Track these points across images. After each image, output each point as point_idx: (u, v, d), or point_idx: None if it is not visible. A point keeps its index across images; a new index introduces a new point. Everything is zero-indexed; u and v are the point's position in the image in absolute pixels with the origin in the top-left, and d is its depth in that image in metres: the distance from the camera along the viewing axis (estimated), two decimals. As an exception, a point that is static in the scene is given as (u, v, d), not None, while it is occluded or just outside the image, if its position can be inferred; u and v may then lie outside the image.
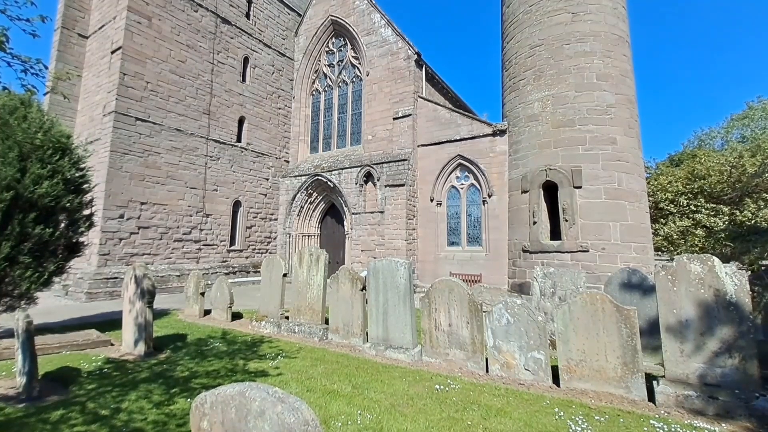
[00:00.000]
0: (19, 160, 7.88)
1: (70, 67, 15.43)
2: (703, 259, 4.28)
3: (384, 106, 15.85)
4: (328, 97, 18.57)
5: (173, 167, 13.88)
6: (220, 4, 16.19)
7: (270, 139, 17.91)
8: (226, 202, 15.76)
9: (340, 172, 16.09)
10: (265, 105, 17.78)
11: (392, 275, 6.26)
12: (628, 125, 11.21)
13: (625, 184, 10.65)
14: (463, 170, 14.04)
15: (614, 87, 11.20)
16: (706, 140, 25.22)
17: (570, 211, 10.49)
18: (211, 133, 15.35)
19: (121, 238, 12.26)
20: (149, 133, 13.27)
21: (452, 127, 14.23)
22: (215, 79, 15.68)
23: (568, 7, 11.76)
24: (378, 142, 15.78)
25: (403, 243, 13.77)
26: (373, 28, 16.77)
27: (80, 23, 16.02)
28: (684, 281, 4.32)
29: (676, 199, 15.11)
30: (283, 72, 18.81)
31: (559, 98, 11.37)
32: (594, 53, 11.33)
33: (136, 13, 13.33)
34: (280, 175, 18.15)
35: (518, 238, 11.77)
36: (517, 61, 12.71)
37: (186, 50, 14.69)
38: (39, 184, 7.92)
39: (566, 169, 10.79)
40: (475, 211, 13.67)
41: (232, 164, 16.07)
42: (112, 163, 12.19)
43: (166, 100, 13.86)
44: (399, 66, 15.76)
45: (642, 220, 10.77)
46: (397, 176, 14.33)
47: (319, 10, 18.76)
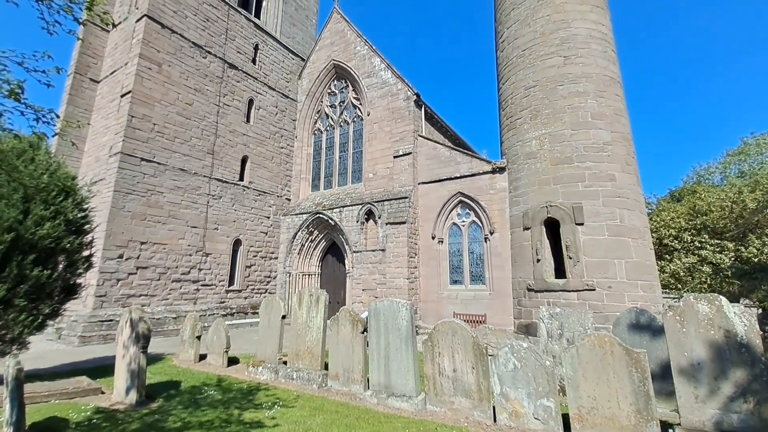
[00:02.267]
0: (23, 202, 7.93)
1: (80, 110, 15.96)
2: (710, 298, 4.17)
3: (384, 144, 16.18)
4: (330, 136, 19.02)
5: (175, 206, 13.97)
6: (228, 51, 16.98)
7: (272, 178, 18.16)
8: (227, 240, 15.72)
9: (341, 210, 16.16)
10: (268, 144, 18.18)
11: (394, 317, 6.08)
12: (626, 162, 11.34)
13: (627, 220, 10.61)
14: (464, 207, 14.08)
15: (609, 125, 11.44)
16: (704, 175, 25.57)
17: (573, 248, 10.38)
18: (214, 172, 15.59)
19: (119, 278, 12.11)
20: (153, 173, 13.48)
21: (452, 165, 14.44)
22: (220, 120, 16.15)
23: (560, 51, 12.27)
24: (379, 180, 15.96)
25: (405, 282, 13.56)
26: (374, 71, 17.45)
27: (93, 69, 16.74)
28: (693, 322, 4.19)
29: (679, 235, 15.06)
30: (286, 113, 19.39)
31: (555, 136, 11.59)
32: (587, 93, 11.67)
33: (147, 59, 13.95)
34: (282, 213, 18.23)
35: (522, 276, 11.58)
36: (513, 101, 13.10)
37: (193, 93, 15.23)
38: (41, 225, 7.92)
39: (567, 205, 10.80)
40: (477, 249, 13.57)
41: (233, 203, 16.19)
42: (115, 203, 12.28)
43: (171, 140, 14.20)
44: (399, 106, 16.25)
45: (647, 257, 10.63)
46: (398, 214, 14.36)
47: (321, 55, 19.63)
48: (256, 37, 18.58)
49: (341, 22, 19.24)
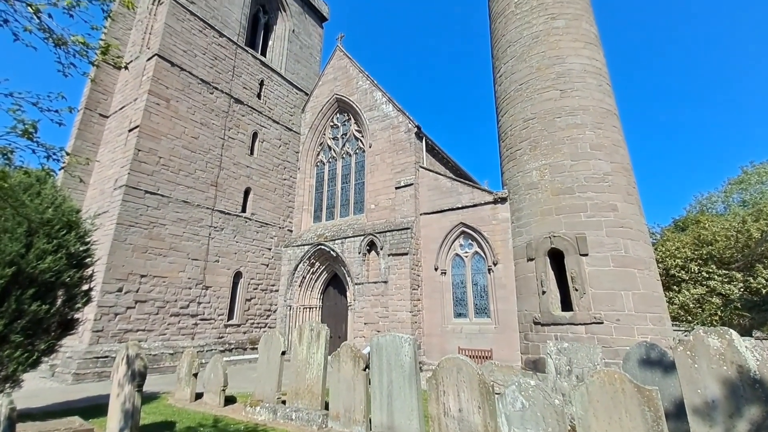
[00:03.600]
0: (26, 235, 7.95)
1: (87, 144, 16.31)
2: (721, 332, 4.05)
3: (386, 176, 16.35)
4: (332, 167, 19.27)
5: (177, 239, 13.97)
6: (234, 86, 17.54)
7: (274, 209, 18.25)
8: (227, 273, 15.58)
9: (342, 241, 16.12)
10: (271, 176, 18.40)
11: (396, 353, 5.90)
12: (627, 192, 11.37)
13: (632, 251, 10.50)
14: (467, 238, 14.02)
15: (608, 156, 11.56)
16: (707, 204, 25.64)
17: (579, 280, 10.22)
18: (217, 204, 15.70)
19: (116, 313, 11.93)
20: (156, 205, 13.58)
21: (453, 196, 14.51)
22: (225, 153, 16.44)
23: (556, 85, 12.60)
24: (381, 211, 16.00)
25: (408, 315, 13.29)
26: (375, 105, 17.91)
27: (102, 104, 17.23)
28: (704, 357, 4.04)
29: (686, 265, 14.87)
30: (289, 145, 19.76)
31: (556, 167, 11.69)
32: (585, 125, 11.87)
33: (156, 95, 14.40)
34: (283, 245, 18.18)
35: (528, 308, 11.34)
36: (512, 133, 13.32)
37: (199, 127, 15.60)
38: (42, 259, 7.90)
39: (570, 236, 10.74)
40: (481, 280, 13.38)
41: (235, 234, 16.19)
42: (117, 236, 12.30)
43: (176, 173, 14.40)
44: (400, 138, 16.54)
45: (654, 289, 10.44)
46: (401, 245, 14.29)
47: (325, 90, 20.24)
48: (262, 74, 19.24)
49: (344, 58, 19.97)
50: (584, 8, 13.97)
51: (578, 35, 13.24)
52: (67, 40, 5.43)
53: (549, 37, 13.25)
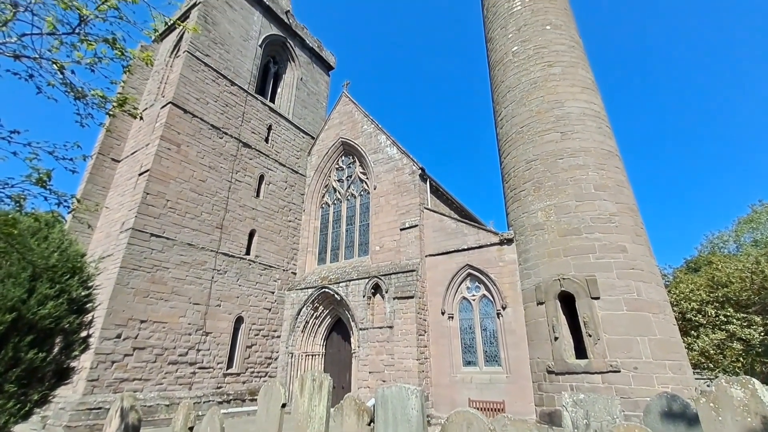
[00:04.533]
0: (29, 280, 7.90)
1: (98, 187, 16.63)
2: (743, 382, 3.81)
3: (391, 217, 16.35)
4: (337, 209, 19.38)
5: (179, 282, 13.80)
6: (243, 131, 18.10)
7: (278, 251, 18.16)
8: (228, 318, 15.20)
9: (347, 284, 15.84)
10: (276, 218, 18.48)
11: (403, 405, 5.55)
12: (635, 233, 11.21)
13: (645, 293, 10.18)
14: (473, 280, 13.71)
15: (613, 196, 11.52)
16: (718, 244, 25.31)
17: (592, 325, 9.83)
18: (221, 247, 15.65)
19: (113, 360, 11.55)
20: (161, 248, 13.56)
21: (459, 237, 14.37)
22: (231, 195, 16.64)
23: (556, 127, 12.84)
24: (385, 253, 15.85)
25: (415, 363, 12.70)
26: (380, 147, 18.29)
27: (115, 149, 17.75)
28: (728, 409, 3.76)
29: (702, 308, 14.33)
30: (295, 187, 20.03)
31: (561, 208, 11.64)
32: (588, 166, 11.95)
33: (168, 141, 14.84)
34: (287, 288, 17.88)
35: (540, 356, 10.83)
36: (516, 174, 13.43)
37: (208, 171, 15.92)
38: (44, 304, 7.79)
39: (580, 278, 10.47)
40: (490, 325, 12.91)
41: (238, 278, 15.99)
42: (120, 280, 12.18)
43: (182, 216, 14.51)
44: (404, 180, 16.71)
45: (671, 334, 9.99)
46: (406, 288, 13.98)
47: (330, 134, 20.81)
48: (270, 119, 19.92)
49: (349, 104, 20.70)
50: (579, 57, 14.55)
51: (575, 81, 13.68)
52: (87, 93, 5.67)
53: (547, 82, 13.70)
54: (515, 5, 15.91)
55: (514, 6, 15.95)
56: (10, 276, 7.66)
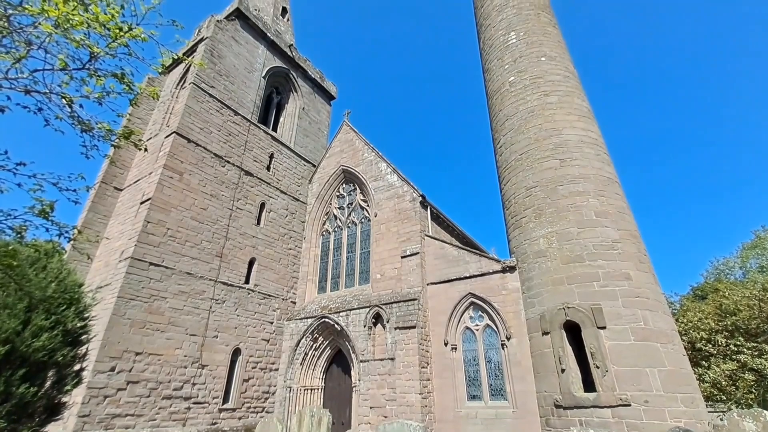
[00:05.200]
0: (26, 311, 7.76)
1: (99, 216, 16.63)
2: (755, 414, 3.73)
3: (392, 245, 16.27)
4: (338, 237, 19.31)
5: (177, 312, 13.54)
6: (245, 160, 18.30)
7: (278, 280, 17.94)
8: (225, 350, 14.79)
9: (348, 313, 15.54)
10: (277, 246, 18.38)
11: (406, 447, 5.31)
12: (639, 260, 11.10)
13: (652, 322, 9.96)
14: (476, 309, 13.46)
15: (615, 223, 11.48)
16: (724, 270, 25.16)
17: (599, 356, 9.55)
18: (221, 276, 15.47)
19: (106, 395, 11.15)
20: (159, 277, 13.39)
21: (461, 265, 14.23)
22: (232, 223, 16.61)
23: (555, 155, 12.96)
24: (387, 281, 15.65)
25: (417, 397, 12.25)
26: (380, 175, 18.44)
27: (118, 178, 17.87)
28: None
29: (712, 337, 14.00)
30: (296, 215, 20.04)
31: (562, 234, 11.58)
32: (588, 193, 11.97)
33: (171, 169, 14.96)
34: (286, 318, 17.53)
35: (547, 389, 10.47)
36: (516, 200, 13.45)
37: (209, 199, 15.97)
38: (38, 336, 7.62)
39: (585, 307, 10.27)
40: (495, 356, 12.55)
41: (237, 307, 15.69)
42: (116, 310, 11.96)
43: (182, 244, 14.42)
44: (405, 207, 16.74)
45: (681, 365, 9.70)
46: (408, 317, 13.70)
47: (331, 162, 21.04)
48: (272, 147, 20.19)
49: (350, 132, 21.05)
50: (575, 86, 14.90)
51: (571, 109, 13.94)
52: (94, 126, 5.76)
53: (544, 111, 13.95)
54: (510, 38, 16.46)
55: (509, 39, 16.49)
56: (6, 307, 7.54)
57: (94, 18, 4.85)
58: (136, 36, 5.29)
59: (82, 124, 5.64)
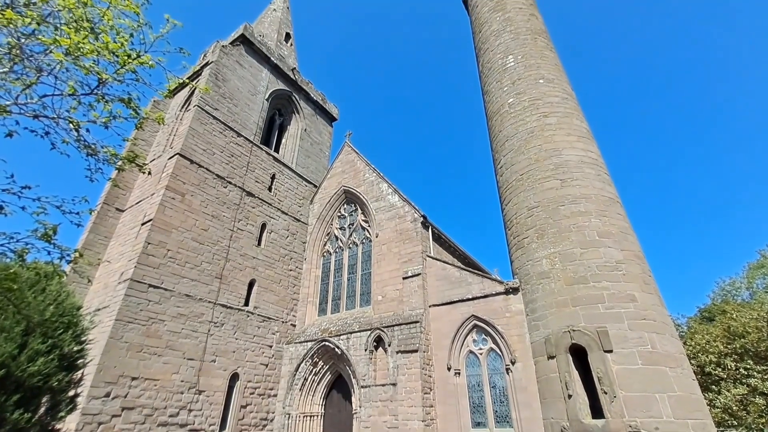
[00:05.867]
0: (23, 335, 7.66)
1: (100, 237, 16.59)
2: None
3: (393, 266, 16.15)
4: (339, 258, 19.20)
5: (174, 336, 13.29)
6: (247, 180, 18.39)
7: (278, 302, 17.71)
8: (223, 375, 14.43)
9: (348, 336, 15.26)
10: (277, 267, 18.23)
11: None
12: (643, 281, 10.97)
13: (660, 346, 9.75)
14: (480, 332, 13.21)
15: (618, 243, 11.40)
16: (731, 291, 24.91)
17: (607, 381, 9.31)
18: (220, 297, 15.28)
19: (100, 422, 10.82)
20: (158, 299, 13.23)
21: (463, 286, 14.07)
22: (233, 244, 16.55)
23: (555, 175, 12.99)
24: (388, 303, 15.45)
25: (420, 425, 11.86)
26: (382, 195, 18.49)
27: (120, 199, 17.91)
28: None
29: (721, 361, 13.71)
30: (297, 236, 19.98)
31: (565, 255, 11.49)
32: (590, 213, 11.93)
33: (173, 190, 15.01)
34: (285, 342, 17.21)
35: (554, 416, 10.16)
36: (518, 221, 13.41)
37: (210, 220, 15.96)
38: (34, 361, 7.51)
39: (591, 330, 10.09)
40: (499, 382, 12.23)
41: (235, 330, 15.41)
42: (114, 333, 11.75)
43: (182, 266, 14.32)
44: (406, 228, 16.70)
45: (692, 390, 9.44)
46: (410, 341, 13.43)
47: (333, 182, 21.15)
48: (274, 168, 20.34)
49: (351, 153, 21.24)
50: (573, 107, 15.11)
51: (570, 130, 14.07)
52: (99, 150, 5.82)
53: (543, 132, 14.09)
54: (509, 61, 16.81)
55: (507, 62, 16.84)
56: (3, 330, 7.46)
57: (103, 46, 4.96)
58: (144, 63, 5.41)
59: (87, 148, 5.70)
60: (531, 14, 18.28)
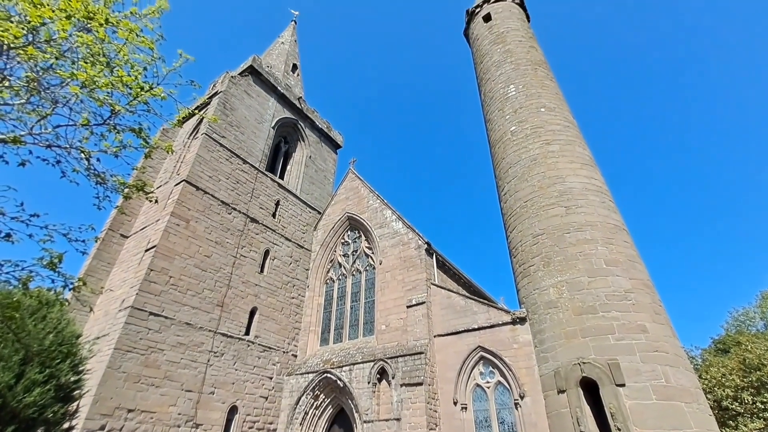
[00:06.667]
0: (20, 364, 7.53)
1: (103, 263, 16.56)
2: None
3: (397, 294, 15.91)
4: (342, 285, 18.98)
5: (173, 366, 12.97)
6: (251, 207, 18.49)
7: (279, 331, 17.36)
8: (221, 408, 13.95)
9: (351, 368, 14.83)
10: (279, 295, 18.01)
11: None
12: (654, 311, 10.72)
13: (674, 380, 9.40)
14: (487, 364, 12.80)
15: (626, 272, 11.22)
16: (745, 321, 24.28)
17: (620, 417, 8.93)
18: (221, 326, 15.00)
19: (93, 457, 10.44)
20: (158, 328, 13.01)
21: (468, 315, 13.78)
22: (235, 271, 16.43)
23: (560, 202, 12.96)
24: (392, 333, 15.11)
25: (426, 464, 11.34)
26: (385, 222, 18.47)
27: (125, 225, 17.98)
28: None
29: (738, 395, 13.18)
30: (300, 262, 19.85)
31: (573, 284, 11.29)
32: (596, 240, 11.81)
33: (178, 217, 15.08)
34: (286, 373, 16.73)
35: (567, 455, 9.71)
36: (523, 248, 13.28)
37: (213, 246, 15.93)
38: (30, 391, 7.37)
39: (602, 362, 9.77)
40: (508, 417, 11.74)
41: (235, 361, 15.03)
42: (112, 363, 11.49)
43: (183, 293, 14.17)
44: (410, 255, 16.58)
45: (709, 426, 9.03)
46: (414, 373, 13.02)
47: (337, 209, 21.21)
48: (279, 195, 20.48)
49: (356, 180, 21.40)
50: (575, 135, 15.28)
51: (573, 157, 14.15)
52: (108, 179, 5.89)
53: (546, 159, 14.17)
54: (510, 91, 17.17)
55: (509, 91, 17.20)
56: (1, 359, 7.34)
57: (118, 79, 5.10)
58: (156, 94, 5.55)
59: (97, 176, 5.76)
60: (531, 46, 18.84)
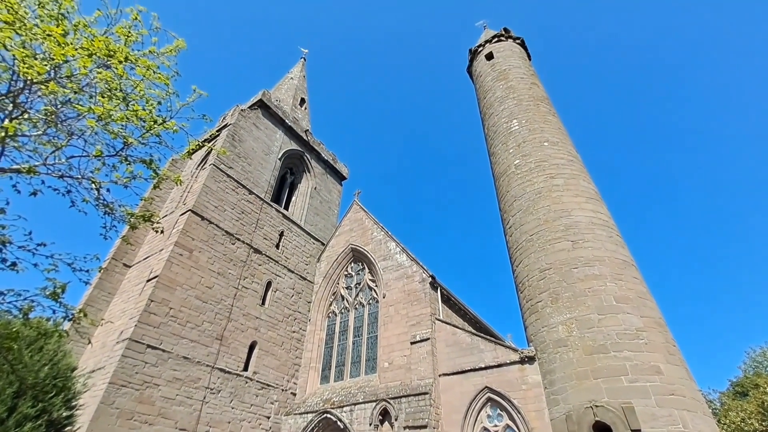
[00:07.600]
0: (13, 397, 7.40)
1: (104, 293, 16.38)
2: None
3: (401, 329, 15.49)
4: (344, 319, 18.56)
5: (168, 403, 12.48)
6: (255, 237, 18.46)
7: (279, 367, 16.82)
8: (216, 452, 13.36)
9: (352, 408, 14.19)
10: (280, 329, 17.60)
11: None
12: (668, 351, 10.32)
13: (692, 425, 8.89)
14: (494, 407, 12.20)
15: (637, 309, 10.91)
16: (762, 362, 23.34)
17: (639, 467, 8.40)
18: (218, 361, 14.56)
19: (78, 501, 9.85)
20: (155, 361, 12.64)
21: (475, 353, 13.30)
22: (236, 303, 16.17)
23: (566, 236, 12.81)
24: (395, 371, 14.58)
25: None
26: (389, 254, 18.30)
27: (128, 255, 17.94)
28: None
29: (761, 442, 12.45)
30: (302, 295, 19.55)
31: (582, 321, 10.96)
32: (604, 276, 11.56)
33: (182, 247, 15.04)
34: (284, 413, 16.04)
35: (582, 507, 9.06)
36: (530, 283, 13.02)
37: (216, 277, 15.77)
38: (21, 425, 7.22)
39: (615, 406, 9.30)
40: (518, 465, 11.11)
41: (232, 398, 14.47)
42: (105, 398, 11.09)
43: (182, 326, 13.88)
44: (414, 288, 16.29)
45: (736, 479, 8.46)
46: (418, 415, 12.41)
47: (341, 240, 21.12)
48: (283, 225, 20.50)
49: (360, 212, 21.44)
50: (579, 169, 15.35)
51: (578, 191, 14.13)
52: (116, 209, 5.94)
53: (551, 192, 14.14)
54: (513, 125, 17.48)
55: (512, 126, 17.51)
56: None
57: (133, 113, 5.23)
58: (168, 128, 5.68)
59: (106, 207, 5.80)
60: (533, 83, 19.38)
